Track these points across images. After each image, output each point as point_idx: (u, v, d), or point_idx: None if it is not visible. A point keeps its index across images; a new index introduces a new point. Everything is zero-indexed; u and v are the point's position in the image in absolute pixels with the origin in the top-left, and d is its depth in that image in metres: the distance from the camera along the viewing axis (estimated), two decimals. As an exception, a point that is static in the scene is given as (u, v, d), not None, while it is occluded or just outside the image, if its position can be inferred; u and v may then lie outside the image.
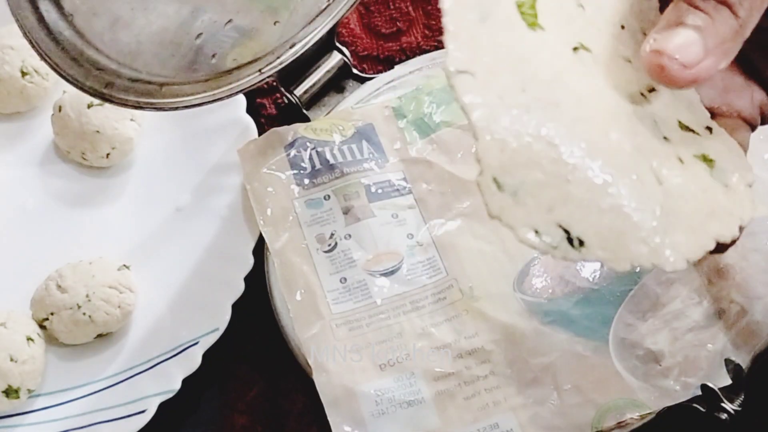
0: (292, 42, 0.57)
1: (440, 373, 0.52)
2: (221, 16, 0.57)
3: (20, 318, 0.56)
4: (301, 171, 0.59)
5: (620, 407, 0.50)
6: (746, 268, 0.53)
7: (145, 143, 0.65)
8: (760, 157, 0.58)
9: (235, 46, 0.58)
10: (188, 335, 0.56)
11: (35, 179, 0.65)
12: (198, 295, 0.58)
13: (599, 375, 0.51)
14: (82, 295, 0.56)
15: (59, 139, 0.64)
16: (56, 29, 0.53)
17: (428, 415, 0.51)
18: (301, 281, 0.56)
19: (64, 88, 0.61)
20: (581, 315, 0.53)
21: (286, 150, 0.60)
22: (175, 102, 0.55)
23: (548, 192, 0.31)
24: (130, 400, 0.55)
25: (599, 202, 0.31)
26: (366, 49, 0.68)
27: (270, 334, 0.56)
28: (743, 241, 0.54)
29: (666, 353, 0.51)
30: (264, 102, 0.67)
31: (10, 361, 0.54)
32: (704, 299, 0.53)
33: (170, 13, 0.55)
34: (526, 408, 0.51)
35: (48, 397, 0.56)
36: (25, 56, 0.64)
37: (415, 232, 0.57)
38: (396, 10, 0.69)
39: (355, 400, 0.51)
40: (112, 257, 0.60)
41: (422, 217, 0.58)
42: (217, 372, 0.57)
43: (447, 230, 0.57)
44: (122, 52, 0.54)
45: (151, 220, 0.62)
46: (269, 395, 0.57)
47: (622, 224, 0.31)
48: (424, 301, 0.54)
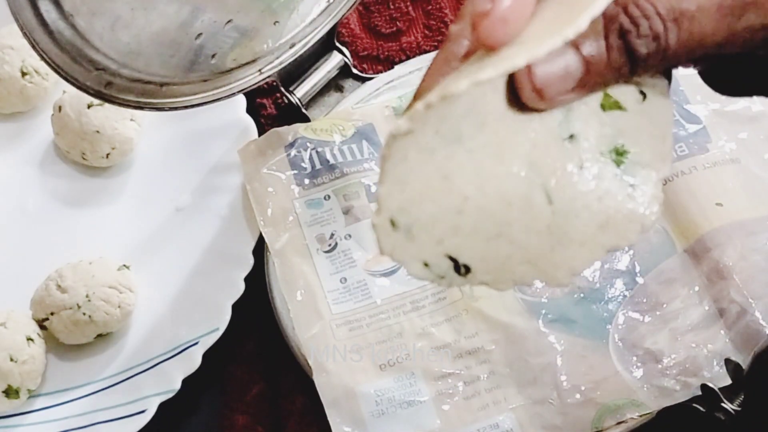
0: (292, 42, 0.57)
1: (440, 373, 0.52)
2: (221, 16, 0.57)
3: (20, 318, 0.56)
4: (301, 171, 0.59)
5: (620, 407, 0.50)
6: (746, 268, 0.53)
7: (145, 143, 0.65)
8: (761, 158, 0.58)
9: (235, 46, 0.57)
10: (188, 335, 0.56)
11: (35, 179, 0.65)
12: (198, 295, 0.58)
13: (599, 375, 0.51)
14: (82, 295, 0.56)
15: (59, 139, 0.64)
16: (56, 29, 0.53)
17: (428, 415, 0.51)
18: (301, 281, 0.56)
19: (64, 88, 0.61)
20: (581, 315, 0.53)
21: (286, 150, 0.60)
22: (175, 102, 0.55)
23: (440, 225, 0.32)
24: (130, 400, 0.55)
25: (486, 230, 0.32)
26: (366, 49, 0.68)
27: (270, 334, 0.56)
28: (743, 241, 0.54)
29: (666, 353, 0.51)
30: (264, 102, 0.67)
31: (10, 361, 0.54)
32: (704, 299, 0.53)
33: (170, 13, 0.55)
34: (526, 408, 0.51)
35: (48, 397, 0.56)
36: (25, 56, 0.64)
37: (415, 232, 0.57)
38: (396, 10, 0.69)
39: (355, 401, 0.51)
40: (112, 257, 0.60)
41: (422, 217, 0.57)
42: (217, 372, 0.57)
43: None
44: (122, 52, 0.54)
45: (151, 220, 0.62)
46: (269, 395, 0.57)
47: (508, 248, 0.32)
48: (424, 301, 0.54)
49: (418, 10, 0.69)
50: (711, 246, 0.54)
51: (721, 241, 0.54)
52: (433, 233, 0.32)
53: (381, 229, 0.32)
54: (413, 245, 0.33)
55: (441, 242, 0.33)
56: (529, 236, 0.32)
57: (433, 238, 0.32)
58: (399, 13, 0.69)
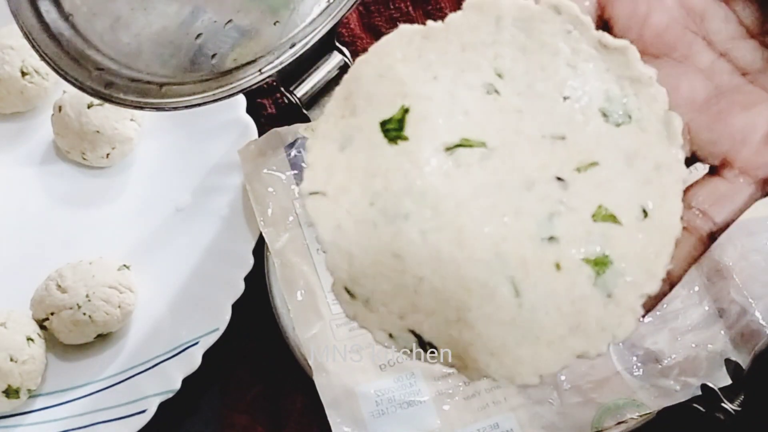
0: (292, 42, 0.57)
1: (440, 373, 0.52)
2: (221, 16, 0.57)
3: (20, 318, 0.56)
4: (301, 171, 0.59)
5: (620, 407, 0.50)
6: (746, 268, 0.53)
7: (145, 143, 0.65)
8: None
9: (236, 46, 0.57)
10: (188, 335, 0.56)
11: (35, 179, 0.65)
12: (198, 295, 0.58)
13: (599, 375, 0.51)
14: (82, 295, 0.56)
15: (59, 139, 0.64)
16: (56, 29, 0.53)
17: (428, 415, 0.51)
18: (301, 281, 0.56)
19: (64, 88, 0.61)
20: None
21: (286, 150, 0.60)
22: (175, 102, 0.55)
23: (398, 301, 0.32)
24: (130, 400, 0.55)
25: (446, 313, 0.31)
26: (366, 49, 0.68)
27: (270, 334, 0.56)
28: (743, 241, 0.54)
29: (666, 353, 0.51)
30: (264, 102, 0.67)
31: (10, 361, 0.54)
32: (704, 299, 0.53)
33: (170, 13, 0.55)
34: (526, 408, 0.51)
35: (48, 397, 0.56)
36: (25, 56, 0.64)
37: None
38: (396, 10, 0.69)
39: (355, 401, 0.51)
40: (112, 257, 0.60)
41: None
42: (217, 372, 0.57)
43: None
44: (122, 52, 0.54)
45: (151, 220, 0.62)
46: (269, 395, 0.57)
47: (468, 335, 0.31)
48: (424, 301, 0.54)
49: (418, 10, 0.69)
50: (711, 246, 0.54)
51: (721, 241, 0.54)
52: (392, 308, 0.32)
53: (339, 296, 0.32)
54: (375, 315, 0.32)
55: (403, 317, 0.32)
56: (489, 326, 0.31)
57: (393, 312, 0.32)
58: (399, 13, 0.69)
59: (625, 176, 0.33)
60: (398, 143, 0.33)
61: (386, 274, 0.32)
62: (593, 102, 0.33)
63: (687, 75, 0.36)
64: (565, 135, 0.33)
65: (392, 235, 0.32)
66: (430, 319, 0.32)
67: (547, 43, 0.34)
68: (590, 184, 0.33)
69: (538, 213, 0.32)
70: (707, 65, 0.36)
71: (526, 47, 0.34)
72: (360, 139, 0.33)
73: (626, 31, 0.36)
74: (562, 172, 0.33)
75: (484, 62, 0.34)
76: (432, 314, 0.32)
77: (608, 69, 0.34)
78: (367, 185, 0.32)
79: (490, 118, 0.33)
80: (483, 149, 0.33)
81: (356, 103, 0.34)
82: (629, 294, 0.32)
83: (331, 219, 0.32)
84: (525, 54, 0.34)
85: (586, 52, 0.34)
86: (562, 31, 0.34)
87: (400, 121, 0.33)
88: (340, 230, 0.32)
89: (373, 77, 0.34)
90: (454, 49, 0.34)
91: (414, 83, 0.34)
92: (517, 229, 0.32)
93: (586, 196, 0.33)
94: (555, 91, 0.34)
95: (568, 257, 0.32)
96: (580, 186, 0.33)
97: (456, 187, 0.32)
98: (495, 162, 0.33)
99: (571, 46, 0.34)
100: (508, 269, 0.32)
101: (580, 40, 0.34)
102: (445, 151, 0.33)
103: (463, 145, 0.33)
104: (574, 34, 0.34)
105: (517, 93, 0.34)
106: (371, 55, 0.35)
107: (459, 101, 0.34)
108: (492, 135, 0.33)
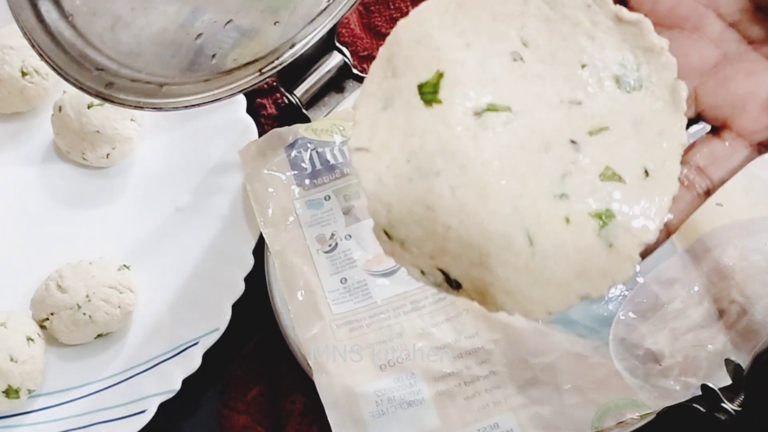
0: (292, 42, 0.57)
1: (440, 373, 0.52)
2: (221, 16, 0.57)
3: (20, 318, 0.56)
4: (301, 171, 0.59)
5: (620, 407, 0.50)
6: (746, 268, 0.53)
7: (145, 143, 0.65)
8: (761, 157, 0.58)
9: (236, 47, 0.58)
10: (188, 335, 0.56)
11: (35, 179, 0.65)
12: (198, 295, 0.58)
13: (599, 375, 0.51)
14: (82, 295, 0.56)
15: (59, 139, 0.64)
16: (56, 29, 0.53)
17: (428, 415, 0.51)
18: (301, 282, 0.56)
19: (64, 88, 0.61)
20: (581, 315, 0.53)
21: (286, 151, 0.60)
22: (175, 102, 0.55)
23: (428, 245, 0.36)
24: (130, 400, 0.55)
25: (470, 257, 0.35)
26: (366, 49, 0.68)
27: (270, 334, 0.56)
28: (743, 241, 0.54)
29: (666, 353, 0.51)
30: (264, 102, 0.67)
31: (10, 361, 0.54)
32: (704, 299, 0.53)
33: (170, 14, 0.55)
34: (526, 408, 0.51)
35: (48, 397, 0.56)
36: (25, 56, 0.64)
37: (415, 232, 0.57)
38: (396, 10, 0.69)
39: (355, 401, 0.51)
40: (112, 257, 0.60)
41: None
42: (217, 372, 0.57)
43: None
44: (122, 52, 0.54)
45: (151, 220, 0.62)
46: (269, 395, 0.57)
47: (489, 276, 0.35)
48: (425, 301, 0.54)
49: (418, 10, 0.69)
50: (711, 246, 0.54)
51: (721, 241, 0.54)
52: (423, 250, 0.36)
53: (379, 237, 0.36)
54: (409, 254, 0.36)
55: (433, 257, 0.36)
56: (507, 270, 0.35)
57: (424, 253, 0.36)
58: (399, 14, 0.69)
59: (631, 140, 0.36)
60: (433, 106, 0.36)
61: (419, 222, 0.35)
62: (608, 69, 0.37)
63: (697, 44, 0.38)
64: (581, 100, 0.37)
65: (425, 190, 0.35)
66: (456, 261, 0.35)
67: (568, 16, 0.37)
68: (600, 146, 0.36)
69: (553, 173, 0.36)
70: (717, 34, 0.38)
71: (550, 19, 0.38)
72: (400, 100, 0.37)
73: (641, 5, 0.38)
74: (576, 135, 0.36)
75: (512, 32, 0.37)
76: (458, 257, 0.35)
77: (624, 39, 0.37)
78: (405, 144, 0.36)
79: (515, 84, 0.37)
80: (508, 113, 0.36)
81: (397, 65, 0.37)
82: (628, 244, 0.35)
83: (373, 173, 0.36)
84: (548, 25, 0.37)
85: (604, 24, 0.37)
86: (582, 5, 0.38)
87: (435, 85, 0.37)
88: (381, 183, 0.36)
89: (411, 42, 0.37)
90: (486, 18, 0.38)
91: (449, 49, 0.37)
92: (534, 187, 0.35)
93: (596, 158, 0.36)
94: (574, 59, 0.37)
95: (577, 212, 0.35)
96: (591, 148, 0.36)
97: (482, 148, 0.36)
98: (517, 125, 0.36)
99: (590, 18, 0.37)
100: (524, 222, 0.35)
101: (599, 13, 0.37)
102: (474, 116, 0.36)
103: (491, 109, 0.36)
104: (594, 8, 0.37)
105: (540, 60, 0.37)
106: (410, 21, 0.38)
107: (488, 68, 0.37)
108: (516, 100, 0.37)
